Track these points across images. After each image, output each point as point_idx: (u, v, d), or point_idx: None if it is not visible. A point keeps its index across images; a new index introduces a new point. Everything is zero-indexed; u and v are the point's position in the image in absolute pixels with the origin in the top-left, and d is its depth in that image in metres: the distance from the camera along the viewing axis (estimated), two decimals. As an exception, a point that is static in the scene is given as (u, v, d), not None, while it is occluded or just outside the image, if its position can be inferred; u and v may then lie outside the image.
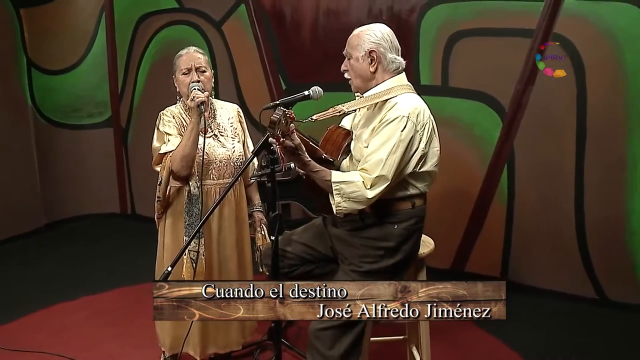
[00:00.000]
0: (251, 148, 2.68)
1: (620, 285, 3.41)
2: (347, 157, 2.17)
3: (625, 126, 3.26)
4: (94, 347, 3.03)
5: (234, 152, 2.53)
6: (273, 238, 2.15)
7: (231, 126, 2.59)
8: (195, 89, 2.38)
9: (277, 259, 2.20)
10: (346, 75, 2.15)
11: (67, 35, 4.79)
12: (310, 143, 2.19)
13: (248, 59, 4.35)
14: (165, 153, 2.43)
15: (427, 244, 2.33)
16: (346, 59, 2.13)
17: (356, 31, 2.11)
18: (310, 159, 1.97)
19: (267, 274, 2.78)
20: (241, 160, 2.57)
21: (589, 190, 3.40)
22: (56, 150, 4.88)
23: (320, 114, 2.09)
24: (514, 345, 3.00)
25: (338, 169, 2.20)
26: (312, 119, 2.07)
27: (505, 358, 2.92)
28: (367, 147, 2.01)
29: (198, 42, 4.50)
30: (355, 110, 2.14)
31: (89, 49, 4.87)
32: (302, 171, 2.09)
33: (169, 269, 2.02)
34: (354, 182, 1.94)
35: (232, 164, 2.53)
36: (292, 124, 1.93)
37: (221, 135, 2.54)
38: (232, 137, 2.56)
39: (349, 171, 2.10)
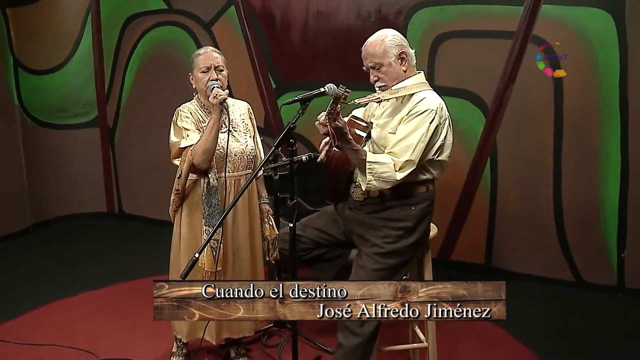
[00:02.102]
0: (260, 143, 2.82)
1: (595, 268, 3.67)
2: (368, 145, 2.30)
3: (598, 120, 3.52)
4: (103, 339, 3.09)
5: (246, 146, 2.66)
6: (290, 225, 2.32)
7: (243, 122, 2.71)
8: (215, 86, 2.49)
9: (294, 243, 2.35)
10: (378, 84, 2.26)
11: (53, 35, 4.81)
12: None
13: (238, 59, 4.45)
14: (185, 147, 2.53)
15: (431, 228, 2.51)
16: (374, 70, 2.24)
17: (373, 42, 2.23)
18: (352, 137, 2.10)
19: (274, 261, 2.91)
20: (253, 154, 2.70)
21: (566, 181, 3.65)
22: (43, 150, 4.89)
23: (362, 98, 2.26)
24: (504, 326, 3.20)
25: None
26: (355, 102, 2.24)
27: (497, 335, 3.14)
28: (393, 133, 2.17)
29: (187, 42, 4.59)
30: (387, 99, 2.26)
31: (75, 49, 4.89)
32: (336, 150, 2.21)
33: (197, 255, 2.15)
34: (386, 163, 2.10)
35: (245, 157, 2.65)
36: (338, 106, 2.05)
37: (234, 130, 2.65)
38: (244, 133, 2.68)
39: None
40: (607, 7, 3.38)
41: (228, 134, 2.56)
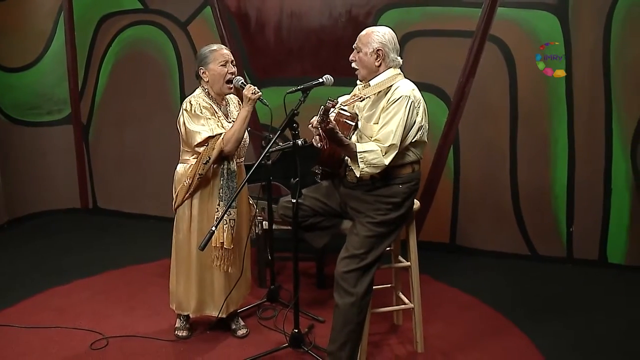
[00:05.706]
0: None
1: (547, 242, 4.11)
2: (356, 135, 2.57)
3: (548, 109, 3.95)
4: (104, 320, 3.22)
5: (246, 135, 2.92)
6: (293, 200, 2.60)
7: (238, 113, 2.95)
8: (249, 84, 2.78)
9: (297, 217, 2.63)
10: (353, 65, 2.56)
11: (25, 32, 4.84)
12: None
13: (214, 57, 4.63)
14: (214, 136, 2.74)
15: (415, 203, 2.83)
16: (355, 51, 2.55)
17: (368, 30, 2.54)
18: (342, 135, 2.36)
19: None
20: (247, 141, 2.97)
21: (521, 164, 4.07)
22: (16, 148, 4.91)
23: (347, 101, 2.57)
24: (474, 294, 3.59)
25: None
26: (341, 105, 2.54)
27: (469, 301, 3.51)
28: (377, 123, 2.45)
29: (163, 41, 4.75)
30: (367, 96, 2.55)
31: (48, 46, 4.94)
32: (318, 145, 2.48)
33: (213, 229, 2.40)
34: (374, 150, 2.38)
35: (245, 144, 2.93)
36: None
37: (235, 121, 2.89)
38: None
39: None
40: (554, 11, 3.83)
41: (248, 125, 2.81)
